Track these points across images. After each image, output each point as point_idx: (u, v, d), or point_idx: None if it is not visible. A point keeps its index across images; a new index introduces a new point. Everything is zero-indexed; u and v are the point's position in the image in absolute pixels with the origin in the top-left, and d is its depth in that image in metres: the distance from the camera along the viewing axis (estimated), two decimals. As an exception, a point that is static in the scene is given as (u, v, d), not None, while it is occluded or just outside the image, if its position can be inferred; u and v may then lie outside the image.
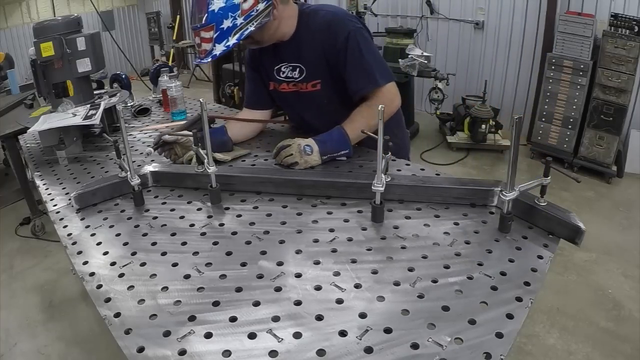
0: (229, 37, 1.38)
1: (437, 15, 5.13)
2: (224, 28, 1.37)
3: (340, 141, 1.46)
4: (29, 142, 2.08)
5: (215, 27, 1.37)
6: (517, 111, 4.81)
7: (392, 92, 1.49)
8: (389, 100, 1.48)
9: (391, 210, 1.20)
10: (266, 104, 1.77)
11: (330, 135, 1.47)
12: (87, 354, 2.29)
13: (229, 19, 1.36)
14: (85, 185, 1.38)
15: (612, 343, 2.21)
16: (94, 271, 1.04)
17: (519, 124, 0.93)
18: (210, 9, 1.35)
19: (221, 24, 1.36)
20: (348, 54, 1.45)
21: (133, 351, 0.80)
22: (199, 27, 1.37)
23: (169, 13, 8.77)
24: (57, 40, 1.81)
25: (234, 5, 1.35)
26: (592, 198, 3.64)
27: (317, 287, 0.93)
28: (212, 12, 1.35)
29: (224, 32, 1.37)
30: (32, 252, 3.21)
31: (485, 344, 0.76)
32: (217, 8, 1.34)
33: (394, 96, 1.50)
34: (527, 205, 1.10)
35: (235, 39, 1.38)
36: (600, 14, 3.92)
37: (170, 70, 2.58)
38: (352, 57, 1.45)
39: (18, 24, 7.60)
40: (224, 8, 1.35)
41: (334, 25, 1.46)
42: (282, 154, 1.45)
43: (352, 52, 1.45)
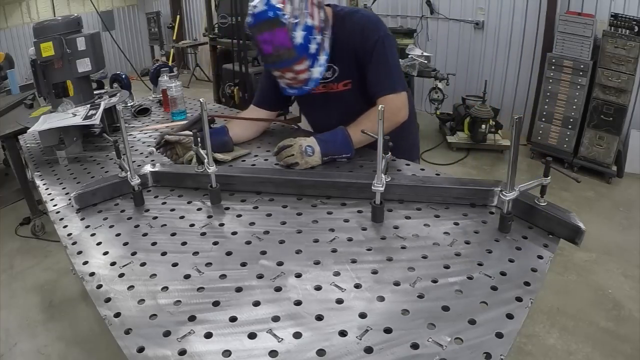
0: (318, 57, 1.42)
1: (437, 15, 5.13)
2: (312, 52, 1.40)
3: (343, 143, 1.46)
4: (29, 142, 2.08)
5: (306, 56, 1.39)
6: (517, 111, 4.81)
7: (402, 101, 1.51)
8: (397, 108, 1.50)
9: (391, 210, 1.20)
10: (274, 106, 1.78)
11: (333, 136, 1.47)
12: (87, 354, 2.29)
13: (312, 43, 1.39)
14: (85, 185, 1.38)
15: (612, 343, 2.21)
16: (94, 271, 1.04)
17: (519, 124, 0.93)
18: (296, 44, 1.35)
19: (309, 50, 1.39)
20: (374, 56, 1.48)
21: (133, 351, 0.80)
22: (291, 64, 1.38)
23: (169, 13, 8.77)
24: (57, 40, 1.81)
25: (309, 27, 1.37)
26: (592, 198, 3.64)
27: (317, 287, 0.93)
28: (299, 45, 1.35)
29: (314, 55, 1.41)
30: (32, 252, 3.21)
31: (485, 344, 0.76)
32: (301, 38, 1.35)
33: (403, 106, 1.52)
34: (527, 205, 1.10)
35: (324, 55, 1.44)
36: (600, 14, 3.92)
37: (170, 70, 2.58)
38: (377, 59, 1.49)
39: (18, 24, 7.61)
40: (305, 36, 1.36)
41: (368, 28, 1.49)
42: (282, 153, 1.45)
43: (378, 55, 1.48)
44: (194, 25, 8.79)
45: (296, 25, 1.33)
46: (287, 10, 1.31)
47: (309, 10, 1.37)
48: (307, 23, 1.36)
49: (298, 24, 1.34)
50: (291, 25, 1.32)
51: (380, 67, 1.50)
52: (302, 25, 1.34)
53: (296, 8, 1.33)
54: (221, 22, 5.27)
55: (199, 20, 8.50)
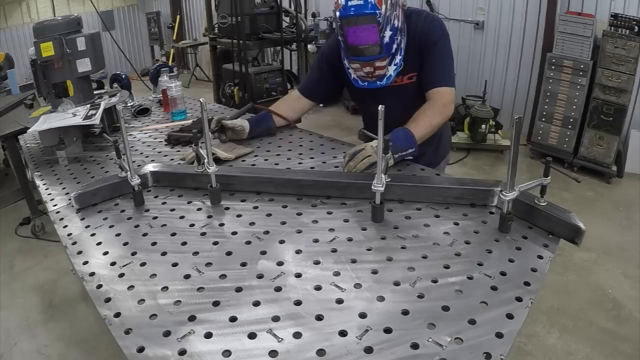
0: (396, 56, 1.50)
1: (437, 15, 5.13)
2: (393, 52, 1.48)
3: (407, 139, 1.42)
4: (29, 142, 2.08)
5: (389, 55, 1.47)
6: (517, 111, 4.81)
7: (452, 96, 1.57)
8: (449, 101, 1.56)
9: (391, 210, 1.20)
10: (317, 97, 1.86)
11: (395, 135, 1.43)
12: (87, 354, 2.29)
13: (395, 43, 1.46)
14: (85, 185, 1.38)
15: (612, 343, 2.21)
16: (94, 271, 1.04)
17: (519, 124, 0.93)
18: (384, 42, 1.42)
19: (391, 50, 1.47)
20: (435, 50, 1.55)
21: (133, 351, 0.80)
22: (375, 59, 1.45)
23: (169, 13, 8.78)
24: (57, 40, 1.81)
25: (395, 28, 1.45)
26: (592, 198, 3.65)
27: (317, 287, 0.93)
28: (386, 44, 1.43)
29: (393, 54, 1.48)
30: (32, 252, 3.21)
31: (485, 344, 0.76)
32: (388, 38, 1.43)
33: (452, 101, 1.57)
34: (527, 205, 1.10)
35: (400, 56, 1.51)
36: (600, 14, 3.92)
37: (170, 70, 2.59)
38: (437, 53, 1.56)
39: (18, 24, 7.61)
40: (392, 36, 1.44)
41: (434, 25, 1.57)
42: (359, 156, 1.36)
43: (439, 50, 1.56)
44: (194, 25, 8.80)
45: (387, 24, 1.41)
46: (383, 9, 1.38)
47: (397, 12, 1.45)
48: (395, 24, 1.44)
49: (388, 23, 1.41)
50: (383, 24, 1.40)
51: (439, 62, 1.57)
52: (390, 25, 1.42)
53: (388, 8, 1.40)
54: (221, 22, 5.27)
55: (199, 20, 8.50)
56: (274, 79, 5.08)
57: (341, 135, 4.11)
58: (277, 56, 6.49)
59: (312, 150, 1.66)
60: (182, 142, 1.81)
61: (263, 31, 5.00)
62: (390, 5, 1.40)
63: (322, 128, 4.88)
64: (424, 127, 1.46)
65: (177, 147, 1.79)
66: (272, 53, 6.87)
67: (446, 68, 1.58)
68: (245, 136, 1.75)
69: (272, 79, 5.07)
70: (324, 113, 5.82)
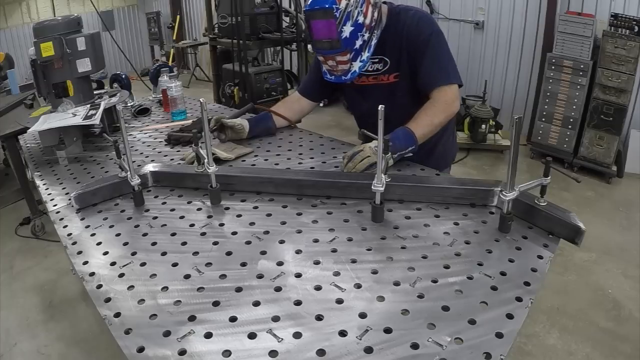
0: (361, 53, 1.49)
1: (437, 15, 5.12)
2: (357, 47, 1.47)
3: (407, 137, 1.42)
4: (29, 142, 2.08)
5: (350, 50, 1.46)
6: (517, 111, 4.80)
7: (455, 93, 1.54)
8: (451, 99, 1.53)
9: (391, 210, 1.20)
10: (316, 97, 1.89)
11: (395, 134, 1.43)
12: (87, 354, 2.29)
13: (359, 39, 1.46)
14: (85, 185, 1.38)
15: (612, 343, 2.21)
16: (94, 271, 1.04)
17: (519, 124, 0.93)
18: (343, 37, 1.43)
19: (354, 46, 1.46)
20: (429, 48, 1.53)
21: (133, 351, 0.80)
22: (334, 53, 1.46)
23: (169, 13, 8.78)
24: (57, 40, 1.81)
25: (360, 25, 1.45)
26: (592, 198, 3.64)
27: (317, 287, 0.93)
28: (345, 39, 1.44)
29: (357, 50, 1.48)
30: (32, 252, 3.20)
31: (485, 344, 0.76)
32: (348, 33, 1.43)
33: (456, 98, 1.55)
34: (527, 205, 1.10)
35: (367, 52, 1.50)
36: (600, 14, 3.92)
37: (170, 70, 2.59)
38: (432, 52, 1.53)
39: (18, 24, 7.61)
40: (354, 32, 1.44)
41: (422, 23, 1.55)
42: (357, 157, 1.37)
43: (432, 48, 1.53)
44: (194, 25, 8.80)
45: (347, 20, 1.41)
46: (342, 4, 1.39)
47: (364, 9, 1.44)
48: (359, 21, 1.44)
49: (349, 19, 1.42)
50: (342, 20, 1.40)
51: (435, 60, 1.54)
52: (352, 21, 1.42)
53: (351, 4, 1.41)
54: (221, 22, 5.27)
55: (199, 20, 8.50)
56: (274, 79, 5.08)
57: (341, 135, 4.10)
58: (277, 56, 6.49)
59: (312, 150, 1.66)
60: (182, 142, 1.81)
61: (263, 31, 5.00)
62: (355, 2, 1.40)
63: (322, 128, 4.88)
64: (425, 126, 1.46)
65: (177, 147, 1.79)
66: (272, 53, 6.87)
67: (443, 65, 1.55)
68: (245, 135, 1.75)
69: (272, 79, 5.07)
70: (324, 113, 5.81)
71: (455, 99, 1.55)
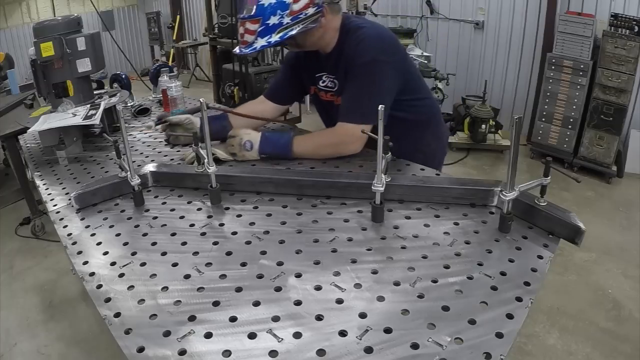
0: (272, 34, 1.39)
1: (437, 15, 5.13)
2: (270, 24, 1.38)
3: (284, 147, 1.51)
4: (29, 142, 2.08)
5: (261, 21, 1.37)
6: (517, 111, 4.80)
7: (355, 135, 1.41)
8: (350, 140, 1.47)
9: (391, 210, 1.20)
10: (284, 101, 1.82)
11: (278, 138, 1.52)
12: (87, 354, 2.29)
13: (276, 16, 1.37)
14: (85, 185, 1.38)
15: (612, 343, 2.21)
16: (94, 271, 1.04)
17: (519, 124, 0.93)
18: (260, 3, 1.36)
19: (267, 20, 1.37)
20: (356, 78, 1.45)
21: (133, 351, 0.80)
22: (246, 18, 1.39)
23: (169, 13, 8.77)
24: (57, 40, 1.80)
25: (284, 3, 1.36)
26: (592, 198, 3.64)
27: (317, 287, 0.93)
28: (261, 5, 1.36)
29: (269, 27, 1.38)
30: (32, 252, 3.21)
31: (485, 344, 0.76)
32: (267, 3, 1.36)
33: (356, 140, 1.46)
34: (527, 205, 1.10)
35: (278, 37, 1.39)
36: (600, 14, 3.92)
37: (170, 70, 2.58)
38: (357, 83, 1.45)
39: (18, 24, 7.61)
40: (274, 5, 1.36)
41: (362, 47, 1.44)
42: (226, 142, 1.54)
43: (359, 79, 1.44)
44: (194, 25, 8.79)
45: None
46: None
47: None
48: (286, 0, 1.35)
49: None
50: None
51: (355, 92, 1.46)
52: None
53: None
54: (221, 22, 5.27)
55: (199, 20, 8.50)
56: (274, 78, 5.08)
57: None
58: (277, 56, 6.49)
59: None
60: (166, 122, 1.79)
61: (263, 31, 4.99)
62: None
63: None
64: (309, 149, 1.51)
65: (177, 147, 1.79)
66: (272, 53, 6.86)
67: (361, 103, 1.43)
68: (196, 129, 1.65)
69: (272, 78, 5.06)
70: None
71: (355, 141, 1.46)
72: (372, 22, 1.61)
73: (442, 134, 1.83)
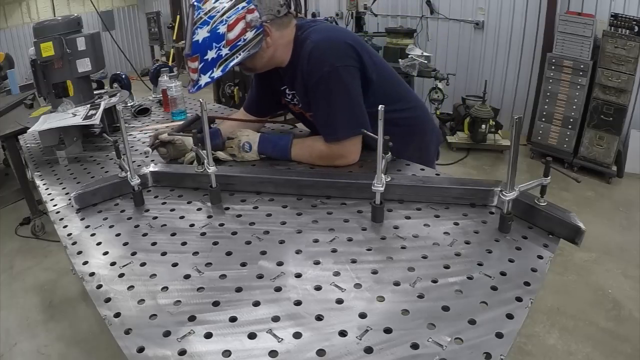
0: (213, 69, 1.34)
1: (437, 15, 5.13)
2: (208, 59, 1.32)
3: (282, 150, 1.50)
4: (29, 142, 2.08)
5: (199, 58, 1.32)
6: (517, 111, 4.80)
7: (341, 150, 1.41)
8: (337, 155, 1.42)
9: (391, 210, 1.20)
10: (263, 113, 1.76)
11: (277, 140, 1.50)
12: (87, 354, 2.29)
13: (213, 50, 1.31)
14: (85, 185, 1.38)
15: (612, 343, 2.21)
16: (94, 271, 1.04)
17: (519, 124, 0.93)
18: (194, 39, 1.31)
19: (205, 55, 1.32)
20: (317, 96, 1.39)
21: (133, 351, 0.80)
22: (186, 57, 1.35)
23: (169, 13, 8.77)
24: (57, 40, 1.81)
25: (218, 35, 1.30)
26: (592, 198, 3.64)
27: (317, 287, 0.93)
28: (196, 42, 1.31)
29: (208, 63, 1.33)
30: (32, 252, 3.21)
31: (485, 344, 0.76)
32: (201, 39, 1.30)
33: (348, 153, 1.42)
34: (527, 205, 1.10)
35: (220, 71, 1.34)
36: (600, 14, 3.92)
37: (170, 70, 2.58)
38: (320, 101, 1.40)
39: (18, 24, 7.61)
40: (208, 38, 1.30)
41: (313, 60, 1.36)
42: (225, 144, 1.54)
43: (321, 96, 1.38)
44: (194, 25, 8.78)
45: (205, 24, 1.30)
46: (206, 6, 1.30)
47: (230, 21, 1.30)
48: (218, 31, 1.30)
49: (206, 24, 1.30)
50: (200, 22, 1.30)
51: (322, 109, 1.41)
52: (210, 27, 1.30)
53: (218, 11, 1.29)
54: (221, 22, 5.25)
55: (199, 20, 8.48)
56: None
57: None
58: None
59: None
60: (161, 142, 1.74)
61: (263, 31, 4.99)
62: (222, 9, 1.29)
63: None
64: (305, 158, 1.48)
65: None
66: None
67: (333, 115, 1.38)
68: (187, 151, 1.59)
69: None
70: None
71: (341, 156, 1.41)
72: (324, 26, 1.48)
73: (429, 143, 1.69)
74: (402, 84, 1.63)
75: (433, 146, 1.72)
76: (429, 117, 1.71)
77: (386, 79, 1.52)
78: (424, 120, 1.66)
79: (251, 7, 1.31)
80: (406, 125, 1.54)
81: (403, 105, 1.56)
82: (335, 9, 6.01)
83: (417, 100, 1.69)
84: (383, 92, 1.46)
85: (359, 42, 1.46)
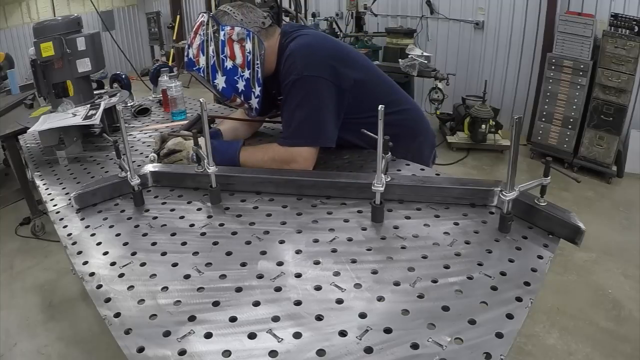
0: (252, 90, 1.41)
1: (437, 15, 5.13)
2: (243, 89, 1.40)
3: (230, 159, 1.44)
4: (29, 142, 2.08)
5: (236, 96, 1.41)
6: (517, 111, 4.81)
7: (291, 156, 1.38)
8: (287, 161, 1.40)
9: (391, 210, 1.20)
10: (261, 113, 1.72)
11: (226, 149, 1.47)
12: (87, 354, 2.29)
13: (239, 82, 1.38)
14: (85, 185, 1.38)
15: (612, 343, 2.21)
16: (94, 271, 1.04)
17: (519, 124, 0.93)
18: (219, 89, 1.38)
19: (237, 90, 1.39)
20: (285, 99, 1.41)
21: (133, 351, 0.80)
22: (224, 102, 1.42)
23: (169, 13, 8.77)
24: (57, 40, 1.81)
25: (230, 70, 1.36)
26: (592, 198, 3.65)
27: (317, 287, 0.93)
28: (223, 89, 1.39)
29: (245, 91, 1.40)
30: (32, 252, 3.21)
31: (485, 344, 0.76)
32: (223, 83, 1.37)
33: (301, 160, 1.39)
34: (527, 205, 1.10)
35: (257, 87, 1.41)
36: (600, 14, 3.92)
37: (170, 70, 2.58)
38: (287, 105, 1.41)
39: (18, 24, 7.60)
40: (228, 79, 1.37)
41: (287, 66, 1.38)
42: (172, 158, 1.51)
43: (289, 100, 1.39)
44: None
45: (215, 72, 1.36)
46: (201, 62, 1.36)
47: (228, 53, 1.35)
48: (227, 67, 1.36)
49: (217, 70, 1.36)
50: (210, 74, 1.36)
51: (285, 113, 1.42)
52: (221, 71, 1.36)
53: (212, 55, 1.34)
54: (221, 22, 5.25)
55: (199, 20, 8.48)
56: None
57: (341, 135, 4.10)
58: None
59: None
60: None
61: (263, 31, 4.98)
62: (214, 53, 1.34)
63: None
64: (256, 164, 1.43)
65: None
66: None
67: (292, 121, 1.38)
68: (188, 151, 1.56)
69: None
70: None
71: (293, 160, 1.39)
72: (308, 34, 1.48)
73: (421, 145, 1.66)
74: (392, 86, 1.63)
75: (426, 149, 1.71)
76: (421, 120, 1.70)
77: (374, 81, 1.52)
78: (416, 122, 1.66)
79: (228, 29, 1.36)
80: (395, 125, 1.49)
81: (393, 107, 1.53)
82: (335, 9, 6.01)
83: (409, 102, 1.68)
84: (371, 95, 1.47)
85: (341, 50, 1.47)
